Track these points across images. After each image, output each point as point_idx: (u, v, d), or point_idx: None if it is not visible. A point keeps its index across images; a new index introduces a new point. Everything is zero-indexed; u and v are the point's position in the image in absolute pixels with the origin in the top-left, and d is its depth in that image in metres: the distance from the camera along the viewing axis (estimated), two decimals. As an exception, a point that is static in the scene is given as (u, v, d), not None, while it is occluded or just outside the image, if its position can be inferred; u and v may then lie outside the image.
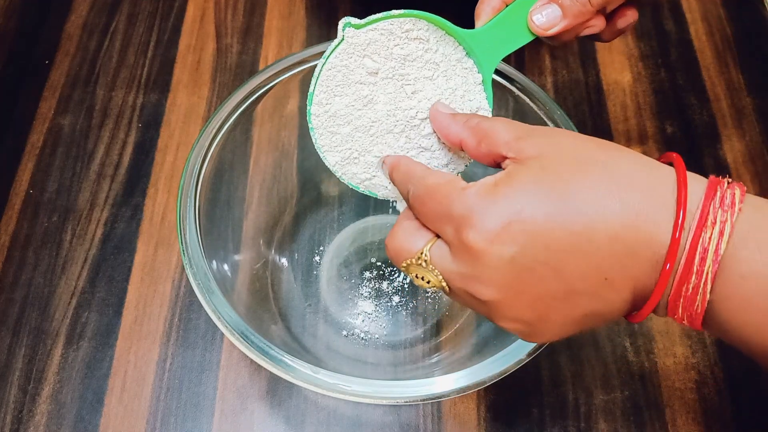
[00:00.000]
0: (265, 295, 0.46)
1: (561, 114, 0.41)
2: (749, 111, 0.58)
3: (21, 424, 0.43)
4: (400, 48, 0.32)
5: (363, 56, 0.32)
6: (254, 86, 0.42)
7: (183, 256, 0.36)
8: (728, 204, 0.24)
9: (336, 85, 0.32)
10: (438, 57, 0.33)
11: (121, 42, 0.61)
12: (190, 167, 0.39)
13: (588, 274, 0.25)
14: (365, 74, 0.32)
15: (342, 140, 0.34)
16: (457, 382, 0.33)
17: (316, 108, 0.33)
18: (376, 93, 0.33)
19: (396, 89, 0.33)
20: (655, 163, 0.27)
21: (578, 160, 0.26)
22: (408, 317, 0.46)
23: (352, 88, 0.32)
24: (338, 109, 0.33)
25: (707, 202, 0.25)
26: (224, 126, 0.41)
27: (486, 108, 0.34)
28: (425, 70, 0.33)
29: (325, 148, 0.34)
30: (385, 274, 0.48)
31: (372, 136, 0.33)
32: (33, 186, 0.53)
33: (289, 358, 0.33)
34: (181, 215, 0.37)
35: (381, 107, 0.33)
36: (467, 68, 0.34)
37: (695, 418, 0.44)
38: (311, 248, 0.49)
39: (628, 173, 0.26)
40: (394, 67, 0.32)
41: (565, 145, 0.27)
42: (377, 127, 0.33)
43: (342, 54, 0.32)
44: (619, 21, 0.38)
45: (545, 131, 0.28)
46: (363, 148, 0.34)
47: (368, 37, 0.32)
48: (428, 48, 0.33)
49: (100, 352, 0.45)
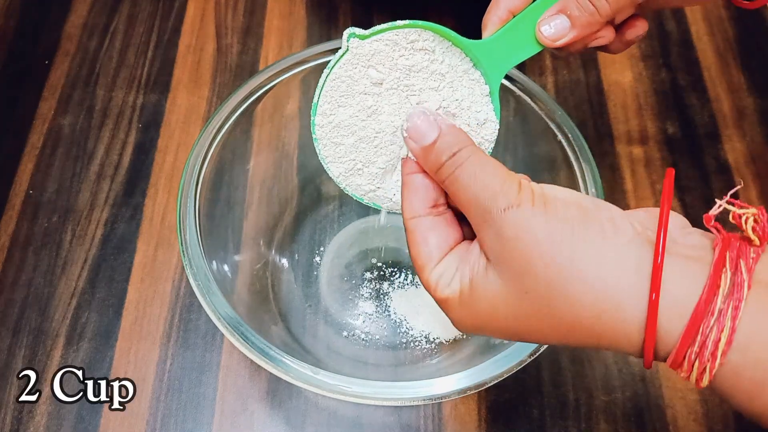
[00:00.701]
0: (266, 296, 0.46)
1: (562, 114, 0.41)
2: (750, 111, 0.58)
3: (21, 425, 0.43)
4: (405, 59, 0.32)
5: (367, 66, 0.32)
6: (254, 86, 0.42)
7: (183, 257, 0.36)
8: (728, 314, 0.22)
9: (340, 95, 0.32)
10: (444, 68, 0.33)
11: (121, 42, 0.61)
12: (190, 167, 0.39)
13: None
14: (369, 85, 0.32)
15: (346, 151, 0.33)
16: (458, 383, 0.33)
17: (320, 119, 0.33)
18: (380, 104, 0.32)
19: (401, 100, 0.32)
20: (625, 249, 0.24)
21: (543, 260, 0.24)
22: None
23: (356, 99, 0.32)
24: (342, 120, 0.33)
25: (698, 316, 0.22)
26: (224, 126, 0.41)
27: (493, 119, 0.34)
28: (431, 80, 0.32)
29: (329, 159, 0.34)
30: (385, 274, 0.48)
31: (376, 147, 0.33)
32: (33, 186, 0.52)
33: (289, 359, 0.33)
34: (181, 215, 0.37)
35: (385, 118, 0.33)
36: (474, 79, 0.33)
37: (696, 419, 0.43)
38: (311, 249, 0.49)
39: (595, 272, 0.24)
40: (399, 77, 0.32)
41: (528, 243, 0.25)
42: (381, 138, 0.33)
43: (346, 65, 0.32)
44: (629, 32, 0.37)
45: (514, 219, 0.25)
46: (367, 159, 0.34)
47: (373, 47, 0.31)
48: (434, 59, 0.32)
49: (100, 352, 0.45)
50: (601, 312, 0.24)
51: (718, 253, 0.23)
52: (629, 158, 0.55)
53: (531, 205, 0.25)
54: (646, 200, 0.53)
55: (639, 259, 0.24)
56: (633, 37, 0.37)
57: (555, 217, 0.25)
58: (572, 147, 0.40)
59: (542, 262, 0.24)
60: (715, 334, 0.22)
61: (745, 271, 0.22)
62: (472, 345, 0.43)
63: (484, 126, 0.34)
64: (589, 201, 0.26)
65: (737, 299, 0.22)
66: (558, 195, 0.26)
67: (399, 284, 0.47)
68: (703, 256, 0.23)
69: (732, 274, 0.22)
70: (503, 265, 0.25)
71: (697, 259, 0.23)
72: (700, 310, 0.22)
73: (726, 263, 0.23)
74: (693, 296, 0.22)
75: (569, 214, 0.25)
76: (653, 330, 0.23)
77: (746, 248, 0.23)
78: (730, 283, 0.22)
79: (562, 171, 0.41)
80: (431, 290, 0.28)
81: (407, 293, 0.47)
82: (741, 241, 0.24)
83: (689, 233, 0.25)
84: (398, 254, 0.49)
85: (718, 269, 0.22)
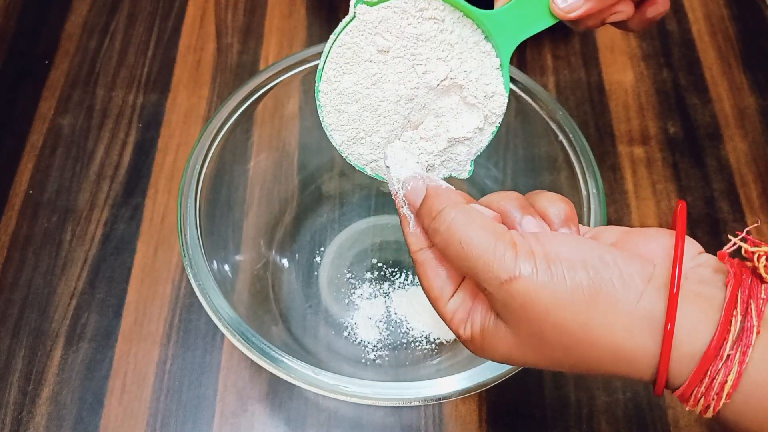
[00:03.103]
0: (266, 296, 0.46)
1: (563, 114, 0.41)
2: (752, 111, 0.58)
3: (21, 426, 0.43)
4: (413, 27, 0.31)
5: (374, 34, 0.31)
6: (255, 86, 0.42)
7: (183, 257, 0.36)
8: (736, 360, 0.22)
9: (345, 62, 0.32)
10: (453, 38, 0.32)
11: (121, 42, 0.61)
12: (191, 168, 0.39)
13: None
14: (375, 52, 0.31)
15: (349, 119, 0.33)
16: (459, 383, 0.33)
17: (325, 85, 0.32)
18: (385, 72, 0.32)
19: (406, 69, 0.32)
20: (637, 314, 0.24)
21: (557, 328, 0.24)
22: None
23: (361, 66, 0.32)
24: (346, 87, 0.32)
25: (708, 359, 0.23)
26: (225, 126, 0.41)
27: (502, 92, 0.33)
28: (439, 50, 0.32)
29: (332, 126, 0.33)
30: (386, 275, 0.48)
31: (379, 116, 0.33)
32: (33, 186, 0.52)
33: (289, 359, 0.33)
34: (181, 216, 0.37)
35: (390, 86, 0.32)
36: (485, 52, 0.33)
37: (697, 420, 0.43)
38: (312, 249, 0.49)
39: (610, 341, 0.24)
40: (406, 46, 0.31)
41: (539, 313, 0.24)
42: (384, 107, 0.32)
43: (353, 31, 0.31)
44: (650, 9, 0.35)
45: (525, 283, 0.24)
46: (370, 128, 0.33)
47: (381, 14, 0.31)
48: (443, 28, 0.31)
49: (100, 353, 0.45)
50: (616, 368, 0.25)
51: (729, 293, 0.23)
52: (630, 158, 0.55)
53: (534, 272, 0.24)
54: (646, 200, 0.53)
55: (651, 319, 0.24)
56: (654, 15, 0.35)
57: (563, 286, 0.24)
58: (573, 148, 0.40)
59: (555, 331, 0.24)
60: (722, 377, 0.22)
61: (755, 316, 0.23)
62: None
63: (492, 99, 0.33)
64: (595, 256, 0.25)
65: (746, 345, 0.22)
66: (562, 254, 0.24)
67: (399, 284, 0.47)
68: (715, 295, 0.24)
69: (742, 317, 0.23)
70: (514, 329, 0.25)
71: (709, 299, 0.24)
72: (710, 354, 0.23)
73: (737, 305, 0.23)
74: (704, 339, 0.23)
75: (577, 280, 0.24)
76: (665, 372, 0.23)
77: (757, 287, 0.23)
78: (740, 327, 0.22)
79: (563, 171, 0.41)
80: (448, 323, 0.28)
81: (408, 293, 0.47)
82: (753, 277, 0.24)
83: (700, 265, 0.25)
84: (399, 254, 0.49)
85: (729, 313, 0.23)
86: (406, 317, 0.46)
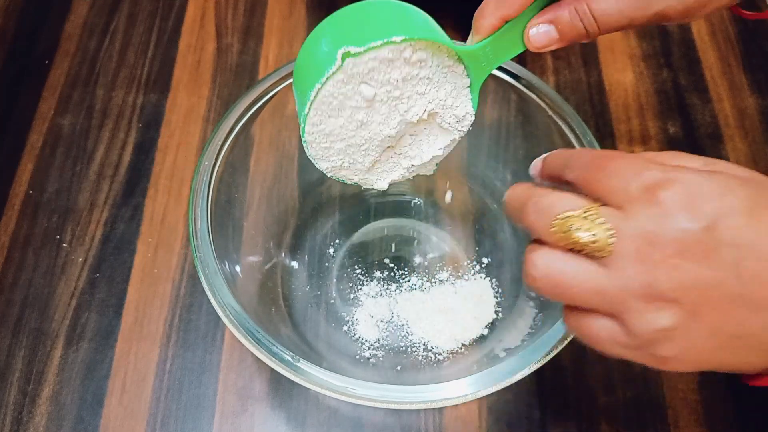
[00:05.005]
0: (275, 297, 0.45)
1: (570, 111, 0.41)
2: (752, 111, 0.58)
3: (20, 426, 0.43)
4: (399, 71, 0.31)
5: (360, 83, 0.31)
6: (267, 87, 0.42)
7: (195, 259, 0.36)
8: None
9: (331, 109, 0.32)
10: (432, 70, 0.32)
11: (121, 42, 0.61)
12: (202, 169, 0.39)
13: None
14: (361, 100, 0.32)
15: (335, 153, 0.35)
16: (469, 387, 0.33)
17: (310, 127, 0.33)
18: (371, 115, 0.33)
19: (390, 110, 0.33)
20: None
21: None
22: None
23: (347, 111, 0.32)
24: (332, 129, 0.33)
25: None
26: (234, 129, 0.41)
27: (471, 112, 0.35)
28: (419, 86, 0.33)
29: (317, 157, 0.35)
30: (395, 276, 0.48)
31: (364, 151, 0.35)
32: (33, 186, 0.52)
33: (304, 363, 0.33)
34: (193, 218, 0.38)
35: (375, 127, 0.33)
36: (458, 73, 0.34)
37: (698, 420, 0.43)
38: (321, 250, 0.49)
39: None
40: (390, 90, 0.32)
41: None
42: (368, 144, 0.34)
43: (338, 83, 0.31)
44: None
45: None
46: (354, 160, 0.35)
47: (368, 66, 0.31)
48: (424, 65, 0.32)
49: (100, 353, 0.45)
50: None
51: None
52: (630, 158, 0.55)
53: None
54: (647, 200, 0.52)
55: None
56: None
57: None
58: (582, 145, 0.40)
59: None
60: None
61: None
62: (474, 356, 0.43)
63: (462, 120, 0.35)
64: None
65: None
66: None
67: (407, 288, 0.47)
68: None
69: None
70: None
71: None
72: None
73: None
74: None
75: None
76: None
77: None
78: None
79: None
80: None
81: (413, 298, 0.47)
82: None
83: None
84: (408, 256, 0.49)
85: None
86: (407, 321, 0.46)
